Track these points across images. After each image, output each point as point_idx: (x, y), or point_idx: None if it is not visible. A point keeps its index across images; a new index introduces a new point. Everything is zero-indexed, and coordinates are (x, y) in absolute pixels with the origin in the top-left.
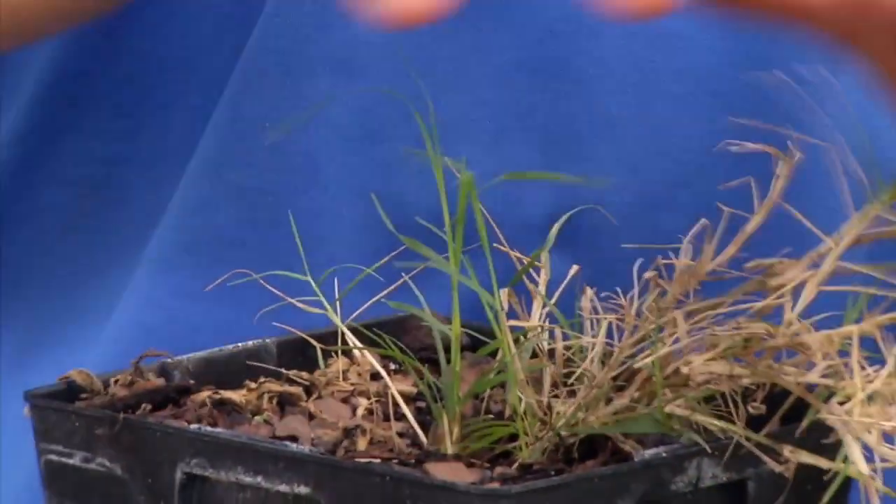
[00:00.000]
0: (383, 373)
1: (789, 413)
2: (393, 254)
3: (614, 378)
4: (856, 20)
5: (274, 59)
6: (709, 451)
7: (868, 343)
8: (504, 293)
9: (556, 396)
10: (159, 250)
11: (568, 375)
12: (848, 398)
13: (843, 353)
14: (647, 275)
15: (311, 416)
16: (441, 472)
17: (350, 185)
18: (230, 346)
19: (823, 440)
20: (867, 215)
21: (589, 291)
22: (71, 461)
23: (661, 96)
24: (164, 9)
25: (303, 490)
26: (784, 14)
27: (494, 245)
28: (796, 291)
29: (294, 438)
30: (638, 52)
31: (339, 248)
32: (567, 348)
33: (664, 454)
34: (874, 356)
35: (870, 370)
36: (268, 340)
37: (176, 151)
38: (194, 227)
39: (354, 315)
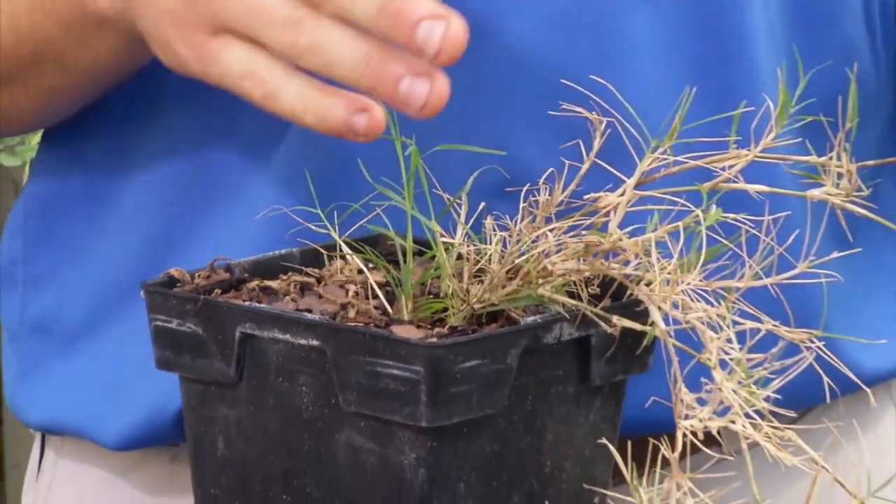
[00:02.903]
0: (365, 270)
1: (616, 293)
2: (371, 194)
3: (506, 272)
4: None
5: None
6: (566, 317)
7: (664, 245)
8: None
9: (471, 284)
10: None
11: (479, 272)
12: (651, 281)
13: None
14: (522, 205)
15: (319, 297)
16: (401, 331)
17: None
18: (271, 253)
19: (637, 310)
20: (648, 160)
21: (490, 219)
22: (170, 325)
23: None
24: None
25: (314, 343)
26: None
27: (434, 191)
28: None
29: (309, 310)
30: None
31: (343, 195)
32: (477, 253)
33: (539, 320)
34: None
35: (665, 262)
36: (294, 250)
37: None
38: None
39: (347, 234)
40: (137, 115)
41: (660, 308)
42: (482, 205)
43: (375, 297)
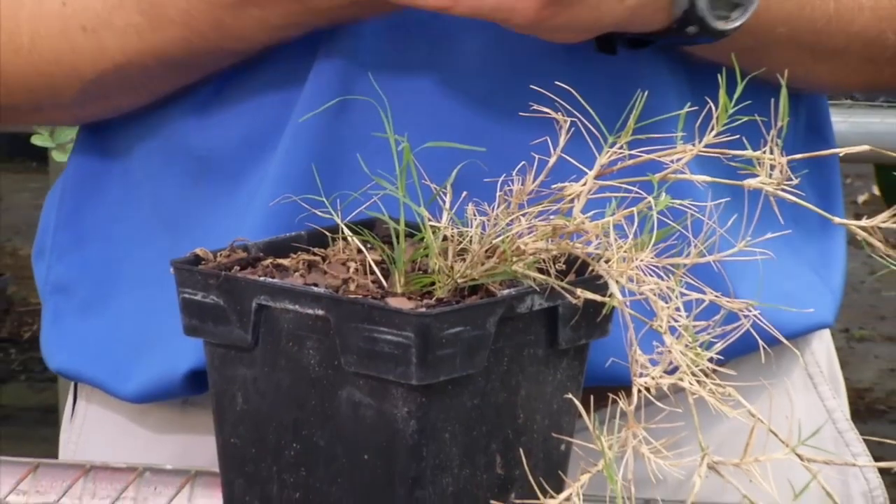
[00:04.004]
0: (364, 250)
1: (579, 269)
2: (368, 185)
3: (485, 251)
4: None
5: None
6: (537, 290)
7: (621, 228)
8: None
9: (455, 262)
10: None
11: (461, 251)
12: (610, 259)
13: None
14: (499, 193)
15: (324, 273)
16: (394, 302)
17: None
18: (282, 235)
19: (598, 283)
20: (607, 154)
21: (471, 205)
22: (196, 297)
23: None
24: None
25: (319, 312)
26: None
27: (422, 181)
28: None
29: (315, 284)
30: None
31: (349, 184)
32: (460, 235)
33: (513, 292)
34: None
35: (621, 242)
36: (302, 232)
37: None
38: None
39: (348, 218)
40: (157, 111)
41: (617, 282)
42: (464, 193)
43: (372, 273)
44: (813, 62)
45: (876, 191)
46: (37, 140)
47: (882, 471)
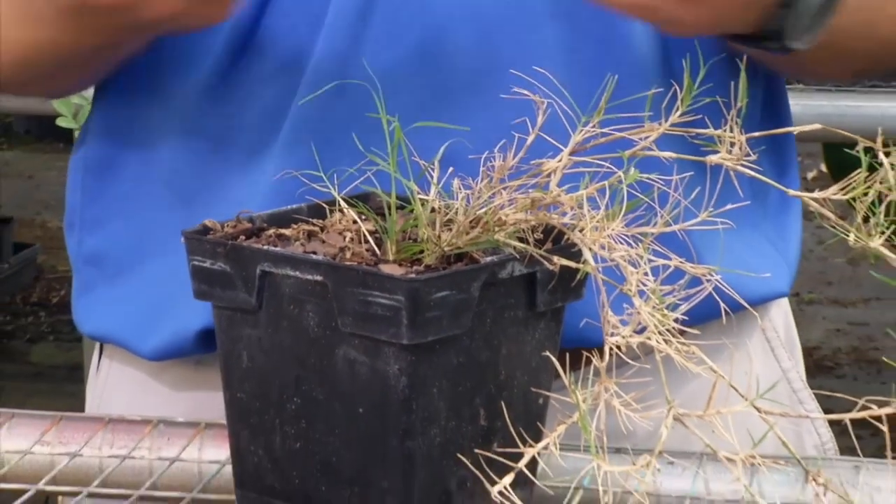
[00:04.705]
0: (359, 221)
1: (556, 238)
2: (362, 162)
3: (470, 222)
4: None
5: None
6: (517, 257)
7: (594, 200)
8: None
9: (442, 232)
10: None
11: (448, 222)
12: (584, 228)
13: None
14: (482, 169)
15: (323, 242)
16: (387, 269)
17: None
18: (284, 208)
19: (573, 251)
20: (581, 133)
21: (456, 180)
22: (205, 264)
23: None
24: None
25: (318, 278)
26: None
27: (412, 158)
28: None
29: (314, 253)
30: None
31: (345, 162)
32: (446, 207)
33: (495, 259)
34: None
35: (594, 213)
36: (302, 205)
37: None
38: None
39: (345, 192)
40: (172, 96)
41: (590, 249)
42: (450, 169)
43: (367, 242)
44: (833, 61)
45: (824, 168)
46: (61, 122)
47: (831, 422)
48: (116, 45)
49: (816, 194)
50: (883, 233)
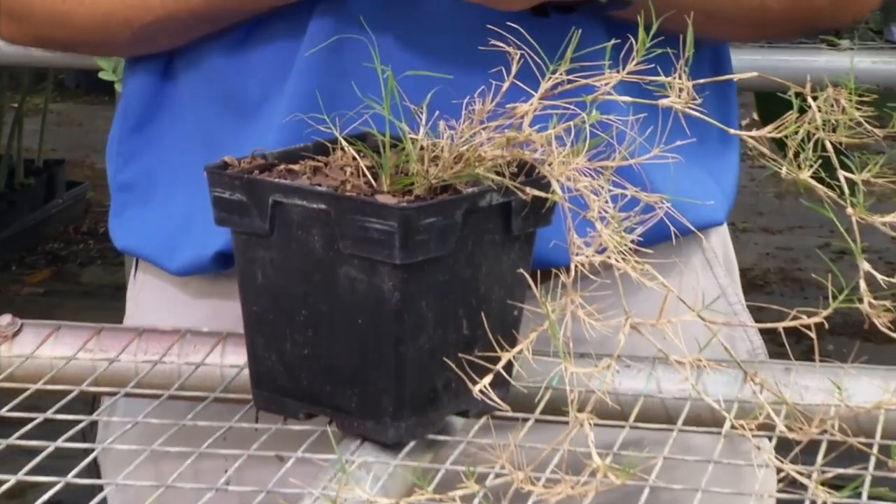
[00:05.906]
0: (357, 157)
1: (528, 171)
2: (361, 106)
3: (454, 158)
4: None
5: None
6: (495, 189)
7: (561, 139)
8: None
9: (429, 167)
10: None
11: (435, 158)
12: (552, 163)
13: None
14: (464, 112)
15: (326, 176)
16: (382, 199)
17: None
18: (293, 146)
19: (543, 182)
20: (549, 81)
21: (442, 122)
22: (224, 195)
23: None
24: None
25: (322, 207)
26: None
27: (404, 103)
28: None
29: (319, 185)
30: None
31: (345, 106)
32: (433, 145)
33: (476, 190)
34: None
35: (561, 150)
36: (308, 144)
37: None
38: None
39: (345, 132)
40: (198, 50)
41: (558, 181)
42: (437, 113)
43: (364, 175)
44: (708, 23)
45: (755, 116)
46: (103, 75)
47: (762, 331)
48: (250, 10)
49: (754, 132)
50: (811, 166)
